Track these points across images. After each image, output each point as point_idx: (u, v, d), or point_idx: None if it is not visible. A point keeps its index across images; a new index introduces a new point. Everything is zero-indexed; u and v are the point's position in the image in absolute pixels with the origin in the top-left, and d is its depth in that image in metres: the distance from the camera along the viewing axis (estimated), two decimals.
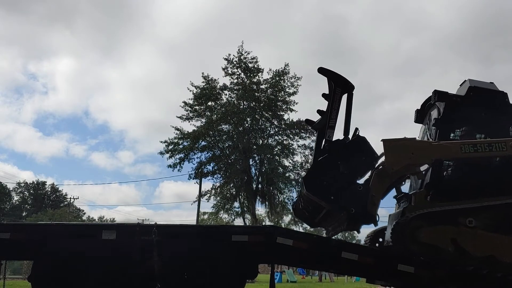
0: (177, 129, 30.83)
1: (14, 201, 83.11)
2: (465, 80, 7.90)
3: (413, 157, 6.53)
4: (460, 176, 7.14)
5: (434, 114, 7.66)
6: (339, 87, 6.61)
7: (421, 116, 8.36)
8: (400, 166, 6.52)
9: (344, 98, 6.82)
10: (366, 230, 8.65)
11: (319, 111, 7.92)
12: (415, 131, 8.47)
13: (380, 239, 7.83)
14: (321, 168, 6.26)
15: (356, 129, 6.81)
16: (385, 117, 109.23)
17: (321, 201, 6.19)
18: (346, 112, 6.67)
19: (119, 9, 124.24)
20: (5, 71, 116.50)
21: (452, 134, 7.32)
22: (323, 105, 6.87)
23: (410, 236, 6.21)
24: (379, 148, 6.72)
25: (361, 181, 6.46)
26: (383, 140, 6.63)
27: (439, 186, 6.84)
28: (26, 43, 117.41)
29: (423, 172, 7.07)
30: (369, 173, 6.60)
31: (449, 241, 6.22)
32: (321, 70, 6.78)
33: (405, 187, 7.88)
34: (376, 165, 6.66)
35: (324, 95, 7.42)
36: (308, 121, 8.19)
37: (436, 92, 7.45)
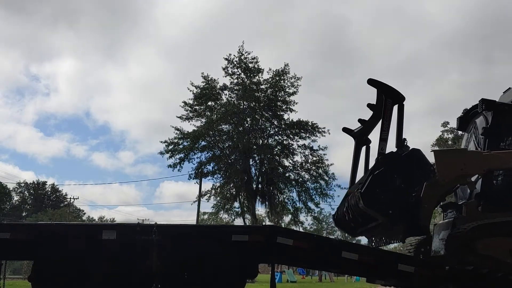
0: (177, 129, 30.86)
1: (14, 201, 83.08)
2: (509, 88, 7.92)
3: (465, 167, 6.44)
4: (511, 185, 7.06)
5: (481, 123, 7.60)
6: (390, 98, 6.56)
7: (464, 124, 8.33)
8: (452, 177, 6.43)
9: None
10: None
11: (360, 120, 8.01)
12: (415, 131, 8.50)
13: (422, 249, 7.79)
14: (378, 181, 6.18)
15: (404, 139, 6.75)
16: None
17: (379, 215, 6.15)
18: (398, 124, 6.62)
19: (122, 10, 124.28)
20: (8, 72, 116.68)
21: (502, 143, 7.24)
22: (323, 105, 6.87)
23: (467, 247, 6.18)
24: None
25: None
26: (434, 151, 6.58)
27: (490, 196, 6.79)
28: (29, 44, 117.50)
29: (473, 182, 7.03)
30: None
31: (508, 253, 6.19)
32: (371, 82, 6.74)
33: None
34: None
35: (369, 105, 7.47)
36: (345, 129, 8.26)
37: (483, 101, 7.38)
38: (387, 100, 6.57)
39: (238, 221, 33.28)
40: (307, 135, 31.16)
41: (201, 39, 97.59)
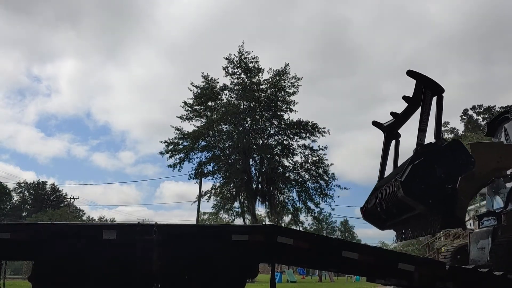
0: (177, 129, 30.87)
1: (14, 201, 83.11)
2: None
3: (501, 160, 6.50)
4: None
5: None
6: (429, 90, 6.54)
7: (492, 130, 8.42)
8: (488, 170, 6.45)
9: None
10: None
11: (392, 113, 8.03)
12: (415, 131, 8.46)
13: (458, 256, 7.79)
14: (418, 171, 6.16)
15: (441, 133, 6.78)
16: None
17: (419, 205, 6.13)
18: (437, 115, 6.60)
19: (123, 10, 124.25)
20: (9, 73, 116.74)
21: None
22: (323, 105, 6.88)
23: None
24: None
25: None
26: (470, 144, 6.61)
27: None
28: (31, 44, 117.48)
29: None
30: None
31: None
32: (410, 73, 6.71)
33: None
34: None
35: (405, 98, 7.44)
36: (375, 123, 8.24)
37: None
38: (426, 91, 6.56)
39: (238, 221, 33.32)
40: (307, 135, 31.18)
41: (202, 39, 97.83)
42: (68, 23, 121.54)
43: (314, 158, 31.43)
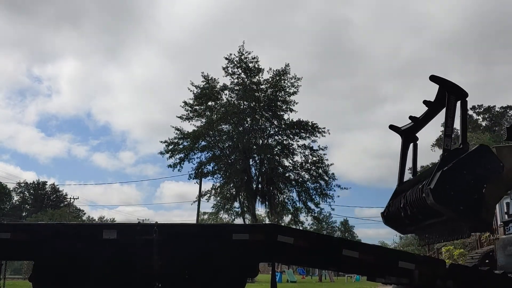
0: (177, 129, 30.86)
1: (14, 201, 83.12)
2: None
3: None
4: None
5: None
6: (453, 94, 6.53)
7: None
8: None
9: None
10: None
11: (411, 117, 8.02)
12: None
13: (487, 260, 7.77)
14: (447, 177, 6.14)
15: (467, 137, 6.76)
16: (386, 119, 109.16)
17: (449, 211, 6.12)
18: (462, 120, 6.58)
19: (124, 11, 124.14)
20: (10, 74, 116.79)
21: None
22: (324, 105, 6.87)
23: None
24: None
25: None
26: (495, 147, 6.61)
27: None
28: (32, 45, 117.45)
29: None
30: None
31: None
32: (433, 78, 6.72)
33: None
34: None
35: (425, 102, 7.44)
36: (392, 127, 8.23)
37: None
38: (450, 96, 6.54)
39: (238, 221, 33.32)
40: (307, 135, 31.17)
41: (203, 39, 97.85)
42: (70, 24, 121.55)
43: (314, 158, 31.45)
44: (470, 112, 61.07)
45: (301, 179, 31.55)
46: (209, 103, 31.02)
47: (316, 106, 78.49)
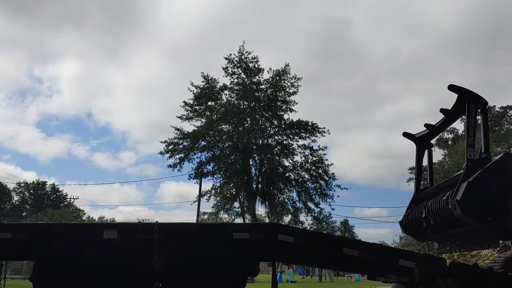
0: (177, 129, 30.87)
1: (14, 201, 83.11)
2: None
3: None
4: None
5: None
6: (473, 103, 6.49)
7: None
8: None
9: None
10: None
11: (426, 125, 8.00)
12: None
13: None
14: (473, 188, 6.11)
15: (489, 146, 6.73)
16: (386, 119, 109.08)
17: (476, 223, 6.10)
18: (484, 128, 6.55)
19: (126, 11, 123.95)
20: (11, 74, 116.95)
21: None
22: (324, 106, 6.85)
23: None
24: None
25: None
26: None
27: None
28: (33, 45, 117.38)
29: None
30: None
31: None
32: (452, 88, 6.69)
33: None
34: None
35: (442, 110, 7.42)
36: (406, 134, 8.19)
37: None
38: (470, 105, 6.49)
39: (238, 221, 33.30)
40: (307, 135, 31.20)
41: (203, 40, 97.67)
42: (71, 24, 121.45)
43: (314, 158, 31.49)
44: None
45: (301, 179, 31.59)
46: (209, 103, 31.05)
47: (316, 106, 78.45)
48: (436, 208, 6.73)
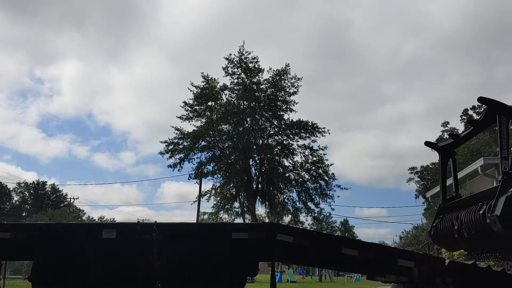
0: (177, 129, 30.90)
1: (14, 201, 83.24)
2: None
3: None
4: None
5: None
6: (504, 115, 6.47)
7: None
8: None
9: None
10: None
11: (451, 135, 8.09)
12: (415, 131, 8.52)
13: None
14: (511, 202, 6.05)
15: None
16: (386, 119, 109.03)
17: None
18: None
19: (128, 12, 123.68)
20: (12, 75, 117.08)
21: None
22: (324, 106, 6.84)
23: None
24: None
25: None
26: None
27: None
28: (34, 45, 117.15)
29: None
30: None
31: None
32: (482, 100, 6.66)
33: None
34: None
35: (470, 121, 7.46)
36: (428, 143, 8.21)
37: None
38: (501, 117, 6.45)
39: (238, 221, 33.30)
40: (307, 135, 31.22)
41: (204, 40, 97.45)
42: (72, 25, 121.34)
43: (314, 158, 31.52)
44: (470, 112, 61.13)
45: (301, 179, 31.62)
46: (209, 103, 31.08)
47: (316, 106, 78.54)
48: (470, 221, 6.71)
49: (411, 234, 45.07)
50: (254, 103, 30.79)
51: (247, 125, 31.34)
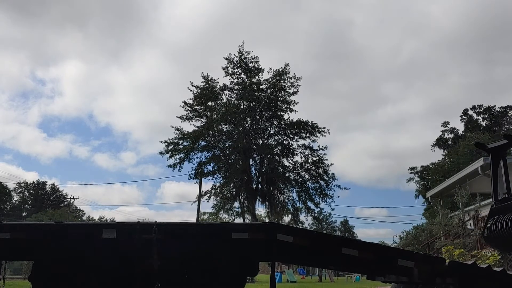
0: (177, 129, 30.90)
1: (14, 201, 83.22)
2: None
3: None
4: None
5: None
6: None
7: None
8: None
9: None
10: None
11: (506, 135, 8.12)
12: (415, 131, 8.52)
13: None
14: None
15: None
16: (386, 119, 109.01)
17: None
18: None
19: (129, 13, 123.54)
20: (13, 76, 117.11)
21: None
22: (324, 106, 6.86)
23: None
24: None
25: None
26: None
27: None
28: (36, 46, 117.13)
29: None
30: None
31: None
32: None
33: None
34: None
35: (505, 136, 7.66)
36: (478, 144, 8.37)
37: None
38: None
39: (238, 221, 33.31)
40: (307, 135, 31.22)
41: (206, 41, 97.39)
42: (74, 26, 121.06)
43: (314, 158, 31.53)
44: (470, 112, 61.14)
45: (301, 179, 31.62)
46: (209, 103, 31.07)
47: (316, 106, 78.49)
48: None
49: (411, 234, 45.07)
50: (254, 103, 30.79)
51: (247, 125, 31.34)
